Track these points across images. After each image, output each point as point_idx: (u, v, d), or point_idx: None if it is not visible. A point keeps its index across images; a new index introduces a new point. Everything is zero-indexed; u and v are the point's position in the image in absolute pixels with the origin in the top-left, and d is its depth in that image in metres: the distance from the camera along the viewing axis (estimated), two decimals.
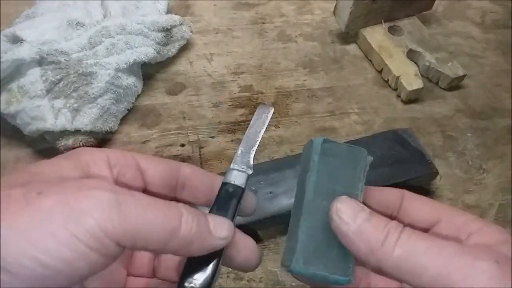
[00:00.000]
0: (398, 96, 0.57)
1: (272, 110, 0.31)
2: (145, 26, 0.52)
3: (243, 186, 0.28)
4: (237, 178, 0.28)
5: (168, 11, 0.58)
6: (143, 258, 0.29)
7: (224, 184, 0.28)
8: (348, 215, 0.24)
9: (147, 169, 0.26)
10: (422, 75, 0.58)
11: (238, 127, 0.53)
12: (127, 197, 0.21)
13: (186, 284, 0.24)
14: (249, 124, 0.31)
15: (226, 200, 0.27)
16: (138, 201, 0.21)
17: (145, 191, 0.27)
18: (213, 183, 0.28)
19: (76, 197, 0.20)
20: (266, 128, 0.31)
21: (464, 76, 0.58)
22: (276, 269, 0.43)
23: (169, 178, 0.27)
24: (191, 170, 0.28)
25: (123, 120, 0.52)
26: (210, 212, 0.27)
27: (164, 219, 0.21)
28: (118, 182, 0.25)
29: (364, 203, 0.26)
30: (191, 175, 0.28)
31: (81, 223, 0.19)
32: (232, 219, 0.26)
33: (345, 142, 0.28)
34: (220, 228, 0.24)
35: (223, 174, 0.29)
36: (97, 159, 0.24)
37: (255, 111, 0.31)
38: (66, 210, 0.19)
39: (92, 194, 0.20)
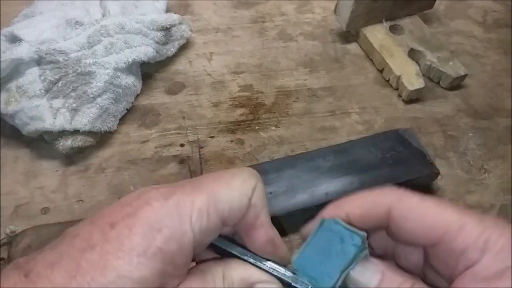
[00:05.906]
0: (399, 95, 0.57)
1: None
2: (144, 25, 0.52)
3: None
4: None
5: (168, 10, 0.58)
6: None
7: None
8: None
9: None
10: (423, 75, 0.57)
11: (238, 127, 0.52)
12: None
13: None
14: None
15: None
16: None
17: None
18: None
19: None
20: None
21: (465, 75, 0.58)
22: None
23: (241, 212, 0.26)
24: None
25: (122, 120, 0.52)
26: None
27: None
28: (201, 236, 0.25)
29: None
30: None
31: None
32: None
33: (346, 142, 0.28)
34: None
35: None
36: (184, 231, 0.23)
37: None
38: None
39: None
